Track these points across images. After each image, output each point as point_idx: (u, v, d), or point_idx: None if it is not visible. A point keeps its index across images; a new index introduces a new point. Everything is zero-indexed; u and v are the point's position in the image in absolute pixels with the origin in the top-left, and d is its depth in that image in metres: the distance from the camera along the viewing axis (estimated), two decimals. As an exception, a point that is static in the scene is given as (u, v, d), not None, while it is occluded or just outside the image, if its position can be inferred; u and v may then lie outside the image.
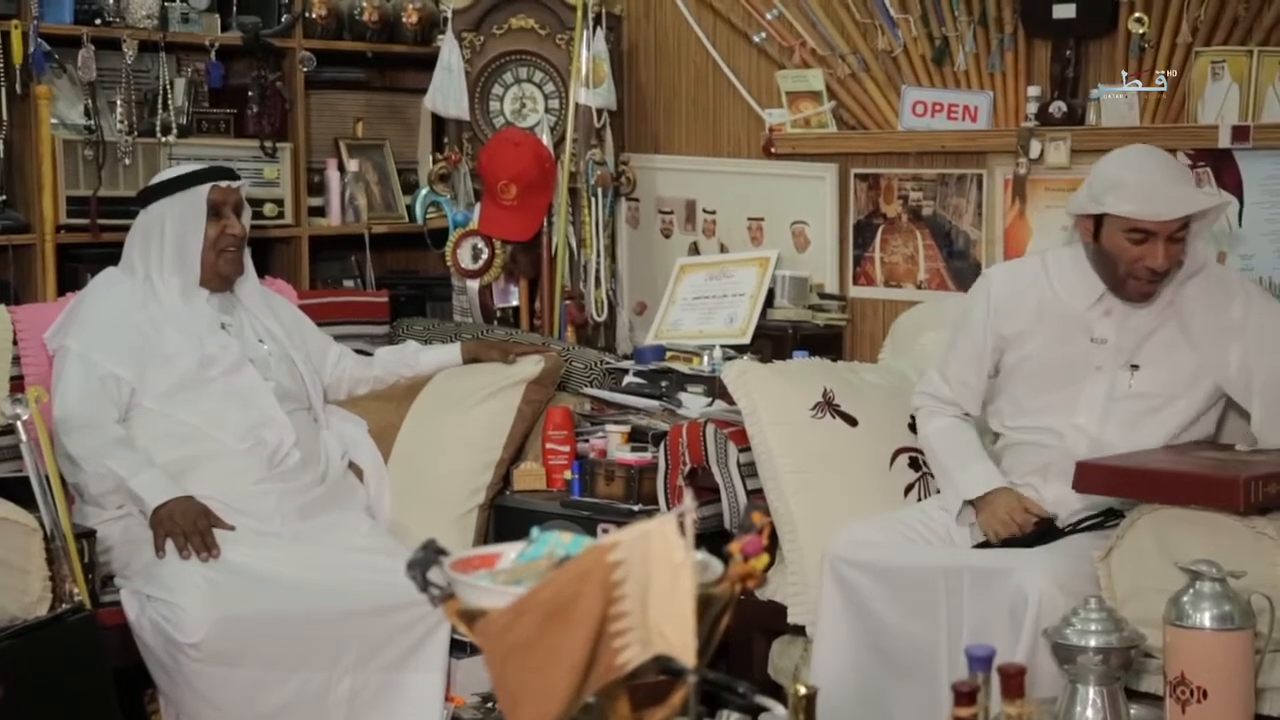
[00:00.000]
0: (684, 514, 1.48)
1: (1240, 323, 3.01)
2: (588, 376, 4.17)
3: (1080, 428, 3.08)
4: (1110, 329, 3.08)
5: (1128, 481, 2.86)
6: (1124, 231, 2.98)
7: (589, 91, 4.46)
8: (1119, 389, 3.07)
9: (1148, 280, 3.00)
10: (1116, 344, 3.08)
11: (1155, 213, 2.94)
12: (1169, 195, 2.96)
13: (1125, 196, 2.96)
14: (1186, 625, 2.52)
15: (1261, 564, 2.67)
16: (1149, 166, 3.02)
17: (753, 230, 4.56)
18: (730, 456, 3.46)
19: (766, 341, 4.18)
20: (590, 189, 4.49)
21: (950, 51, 4.13)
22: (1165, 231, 2.95)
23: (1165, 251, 2.96)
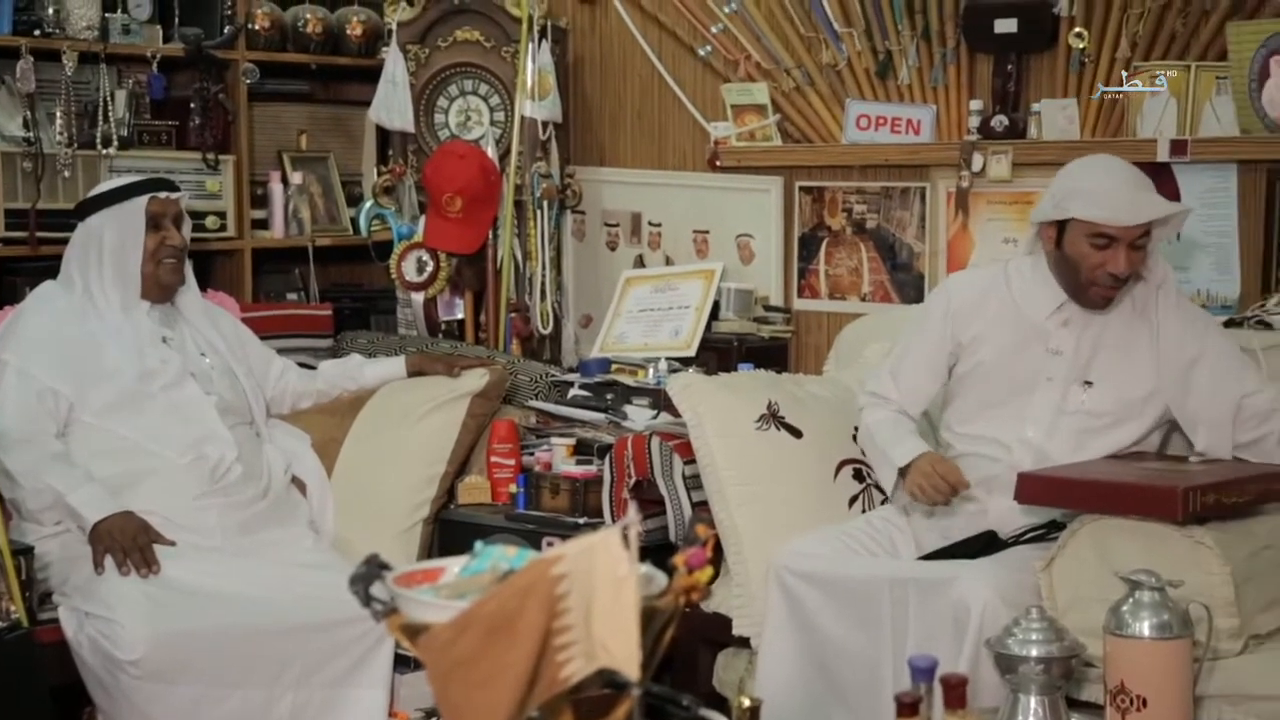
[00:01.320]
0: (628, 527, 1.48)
1: (1198, 355, 3.04)
2: (533, 389, 4.17)
3: (1027, 441, 3.11)
4: (1068, 340, 3.11)
5: (1068, 492, 2.89)
6: (1087, 237, 3.02)
7: (534, 104, 4.46)
8: (1069, 403, 3.09)
9: (1109, 286, 3.03)
10: (1072, 357, 3.10)
11: (1119, 218, 2.98)
12: (1133, 201, 3.00)
13: (1090, 202, 3.00)
14: (1126, 634, 2.54)
15: (1199, 573, 2.71)
16: (1113, 173, 3.07)
17: (698, 243, 4.57)
18: (675, 469, 3.46)
19: (712, 354, 4.19)
20: (536, 201, 4.49)
21: (894, 65, 4.16)
22: (1128, 238, 2.99)
23: (1127, 258, 2.99)
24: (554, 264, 4.54)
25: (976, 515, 3.14)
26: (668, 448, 3.48)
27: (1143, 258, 3.04)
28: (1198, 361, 3.03)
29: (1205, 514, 2.78)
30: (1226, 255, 3.68)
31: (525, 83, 4.45)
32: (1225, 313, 3.58)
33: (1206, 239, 3.71)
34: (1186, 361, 3.04)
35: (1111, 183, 3.03)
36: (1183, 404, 3.03)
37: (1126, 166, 3.12)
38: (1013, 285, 3.17)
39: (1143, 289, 3.09)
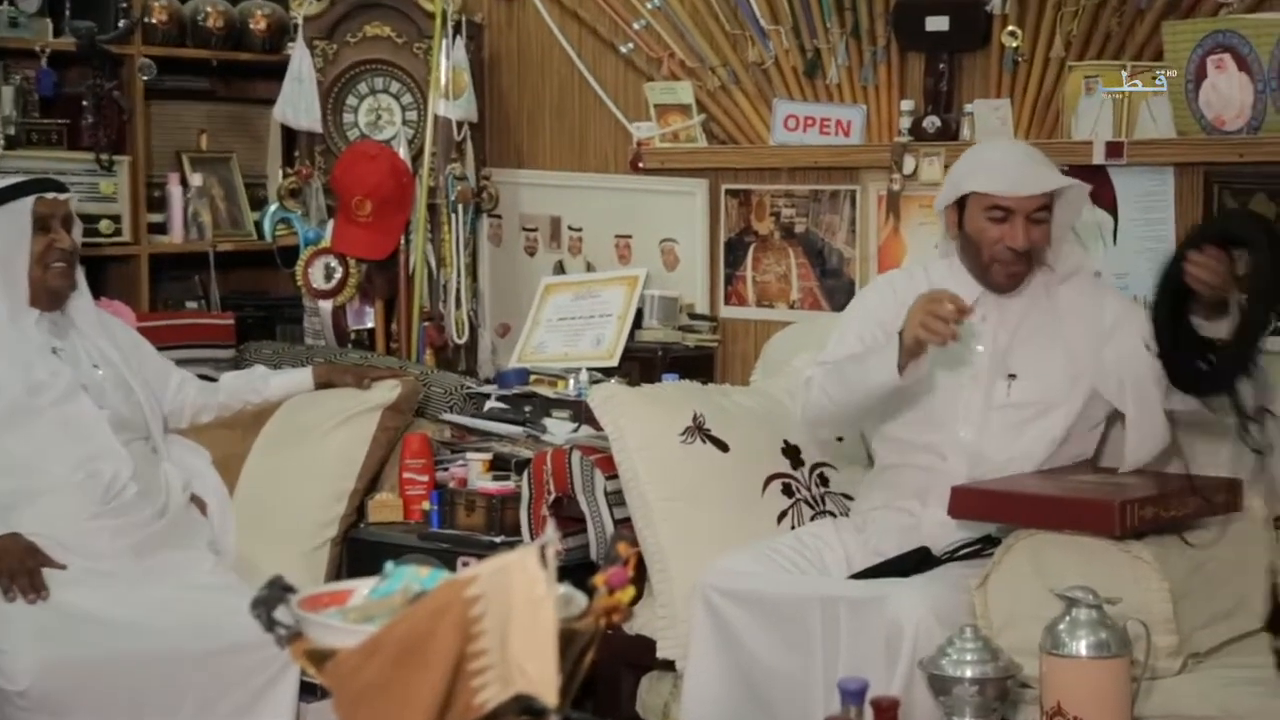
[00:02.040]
0: (546, 545, 1.48)
1: (1112, 326, 3.11)
2: (447, 402, 4.15)
3: (960, 442, 3.14)
4: (986, 336, 3.15)
5: (1003, 506, 2.91)
6: (984, 211, 3.12)
7: (448, 103, 4.44)
8: (996, 398, 3.13)
9: (1009, 261, 3.10)
10: (992, 351, 3.14)
11: (1013, 187, 3.08)
12: (1026, 172, 3.10)
13: (985, 175, 3.12)
14: (1062, 654, 2.57)
15: (1138, 589, 2.74)
16: (1009, 149, 3.20)
17: (620, 248, 4.57)
18: (597, 484, 3.46)
19: (634, 364, 4.20)
20: (450, 205, 4.47)
21: (822, 64, 4.18)
22: (1024, 209, 3.07)
23: (1025, 231, 3.07)
24: (469, 270, 4.52)
25: (910, 529, 3.16)
26: (589, 462, 3.48)
27: (1044, 234, 3.11)
28: (1113, 331, 3.10)
29: (1143, 528, 2.81)
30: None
31: (439, 80, 4.44)
32: (1162, 320, 3.64)
33: (1144, 244, 3.75)
34: (1103, 334, 3.11)
35: (1006, 156, 3.15)
36: (1105, 377, 3.08)
37: (1023, 145, 3.25)
38: (933, 283, 3.21)
39: (1053, 278, 3.15)
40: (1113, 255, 3.77)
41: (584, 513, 3.47)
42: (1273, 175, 3.56)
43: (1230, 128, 3.56)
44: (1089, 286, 3.22)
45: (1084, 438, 3.18)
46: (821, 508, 3.45)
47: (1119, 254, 3.77)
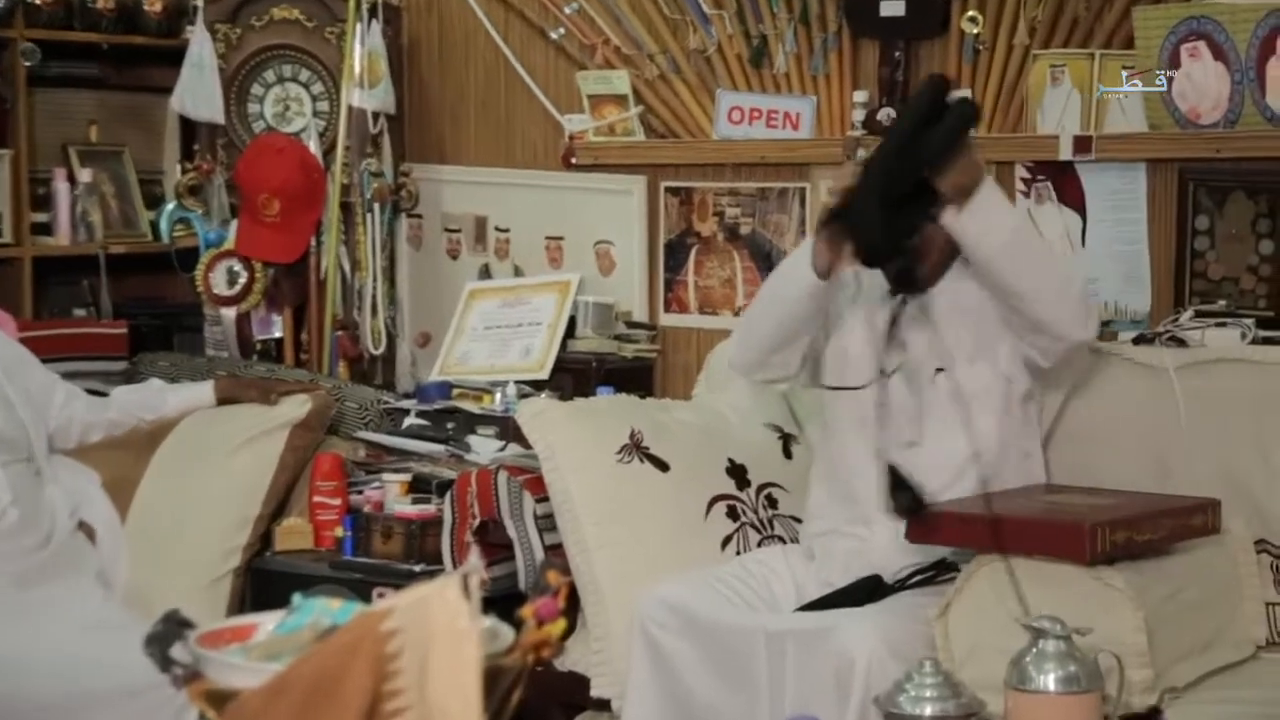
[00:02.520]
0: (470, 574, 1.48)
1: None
2: (362, 418, 4.14)
3: (897, 450, 3.15)
4: (913, 330, 3.18)
5: (964, 530, 2.93)
6: None
7: (363, 92, 4.43)
8: (924, 394, 3.16)
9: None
10: (917, 345, 3.17)
11: None
12: None
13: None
14: (1029, 689, 2.58)
15: (1110, 619, 2.76)
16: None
17: (551, 251, 4.57)
18: (525, 508, 3.45)
19: (567, 376, 4.20)
20: (366, 203, 4.46)
21: (769, 52, 4.20)
22: None
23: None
24: (386, 275, 4.51)
25: (857, 555, 3.17)
26: (516, 484, 3.47)
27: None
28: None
29: (1115, 553, 2.83)
30: (1136, 265, 3.77)
31: (353, 68, 4.43)
32: (1135, 328, 3.67)
33: (1114, 247, 3.79)
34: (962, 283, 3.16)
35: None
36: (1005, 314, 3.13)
37: None
38: (864, 287, 3.25)
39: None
40: (1081, 259, 3.81)
41: (511, 539, 3.47)
42: (1252, 172, 3.61)
43: (1206, 121, 3.61)
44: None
45: (1021, 406, 3.18)
46: (769, 532, 3.46)
47: (1087, 257, 3.81)
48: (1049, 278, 3.07)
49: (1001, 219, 3.03)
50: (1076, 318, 3.06)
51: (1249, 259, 3.62)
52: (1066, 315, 3.05)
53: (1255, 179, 3.61)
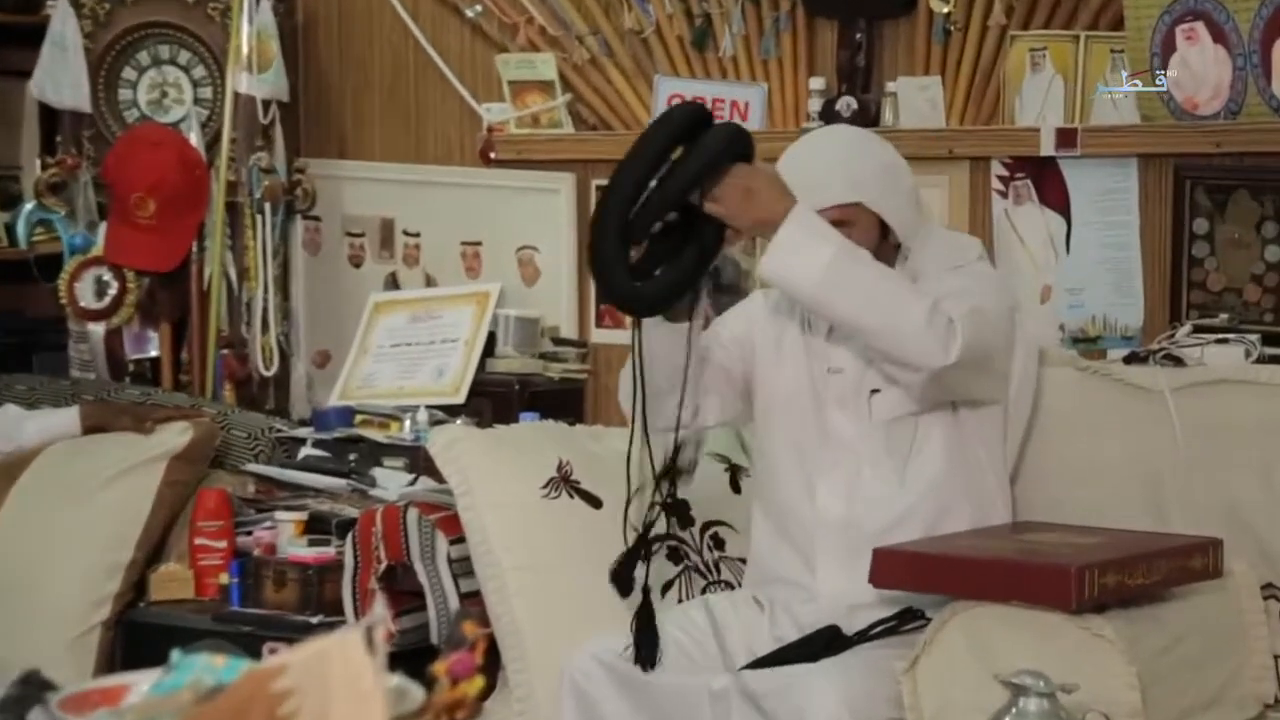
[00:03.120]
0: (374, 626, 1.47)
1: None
2: (251, 449, 4.13)
3: (836, 481, 3.17)
4: (843, 355, 3.20)
5: (935, 572, 2.94)
6: None
7: (252, 77, 4.42)
8: (862, 420, 3.17)
9: None
10: (852, 369, 3.19)
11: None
12: (808, 182, 3.12)
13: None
14: (1009, 751, 2.59)
15: (1099, 674, 2.77)
16: (800, 149, 3.25)
17: (467, 258, 4.56)
18: (438, 550, 3.45)
19: (485, 400, 4.20)
20: (255, 204, 4.44)
21: (714, 33, 4.22)
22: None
23: None
24: (279, 285, 4.50)
25: (806, 603, 3.18)
26: (428, 523, 3.47)
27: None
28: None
29: (1105, 599, 2.85)
30: (1127, 273, 3.81)
31: (240, 49, 4.41)
32: (1125, 345, 3.70)
33: (1102, 253, 3.82)
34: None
35: (791, 161, 3.21)
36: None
37: (825, 143, 3.31)
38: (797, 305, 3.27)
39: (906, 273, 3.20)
40: (1065, 267, 3.84)
41: (422, 585, 3.46)
42: (1257, 169, 3.64)
43: (1204, 111, 3.65)
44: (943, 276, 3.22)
45: (976, 435, 3.20)
46: (715, 577, 3.46)
47: (1072, 266, 3.84)
48: (888, 309, 3.01)
49: (810, 257, 2.97)
50: (928, 348, 3.00)
51: (1253, 267, 3.66)
52: (916, 347, 3.01)
53: (1260, 177, 3.64)
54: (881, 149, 3.26)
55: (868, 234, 3.13)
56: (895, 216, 3.15)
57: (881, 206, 3.13)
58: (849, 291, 3.00)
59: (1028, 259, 3.88)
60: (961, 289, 3.10)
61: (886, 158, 3.23)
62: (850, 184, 3.14)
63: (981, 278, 3.21)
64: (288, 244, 4.58)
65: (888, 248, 3.17)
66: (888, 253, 3.17)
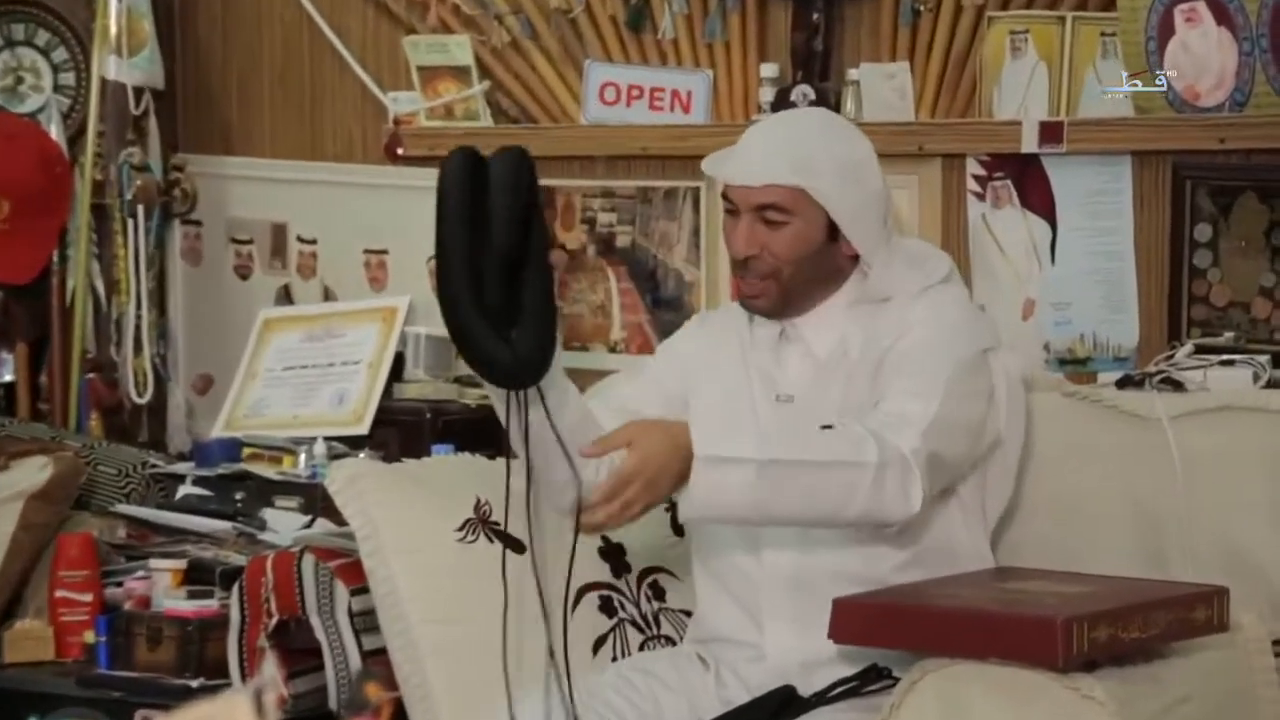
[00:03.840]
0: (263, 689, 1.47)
1: (889, 348, 3.16)
2: (122, 487, 4.12)
3: (784, 532, 3.17)
4: (793, 380, 3.21)
5: (903, 625, 2.95)
6: (722, 204, 3.24)
7: (122, 62, 4.40)
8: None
9: (740, 275, 3.17)
10: (806, 397, 3.20)
11: (723, 169, 3.21)
12: (751, 156, 3.18)
13: (723, 152, 3.26)
14: (989, 829, 2.61)
15: (1089, 740, 2.79)
16: (769, 125, 3.32)
17: (372, 268, 4.56)
18: (338, 602, 3.44)
19: (393, 430, 4.19)
20: (126, 206, 4.43)
21: (651, 12, 4.23)
22: (746, 203, 3.14)
23: (745, 233, 3.14)
24: (154, 300, 4.48)
25: (753, 661, 3.19)
26: (327, 571, 3.46)
27: (785, 241, 3.14)
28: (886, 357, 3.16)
29: (1095, 656, 2.86)
30: (1119, 285, 3.82)
31: (108, 30, 4.40)
32: (1118, 368, 3.72)
33: (1092, 262, 3.84)
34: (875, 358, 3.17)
35: (755, 134, 3.27)
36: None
37: (798, 122, 3.38)
38: (754, 321, 3.27)
39: (864, 297, 3.20)
40: (1050, 279, 3.86)
41: (320, 642, 3.45)
42: (1265, 167, 3.67)
43: (1207, 103, 3.67)
44: (920, 315, 3.22)
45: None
46: (654, 631, 3.47)
47: (1058, 277, 3.85)
48: (832, 497, 2.98)
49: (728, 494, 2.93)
50: (888, 510, 2.98)
51: (1262, 279, 3.68)
52: (876, 514, 2.99)
53: (1269, 177, 3.67)
54: (851, 142, 3.25)
55: (809, 231, 3.12)
56: (849, 220, 3.14)
57: (832, 203, 3.12)
58: (784, 503, 2.98)
59: (1008, 270, 3.89)
60: (923, 348, 3.11)
61: (853, 153, 3.22)
62: (795, 166, 3.13)
63: (948, 327, 3.17)
64: (164, 252, 4.57)
65: (838, 257, 3.18)
66: (839, 263, 3.18)
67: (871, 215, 3.19)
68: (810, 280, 3.18)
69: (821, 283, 3.19)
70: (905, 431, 2.99)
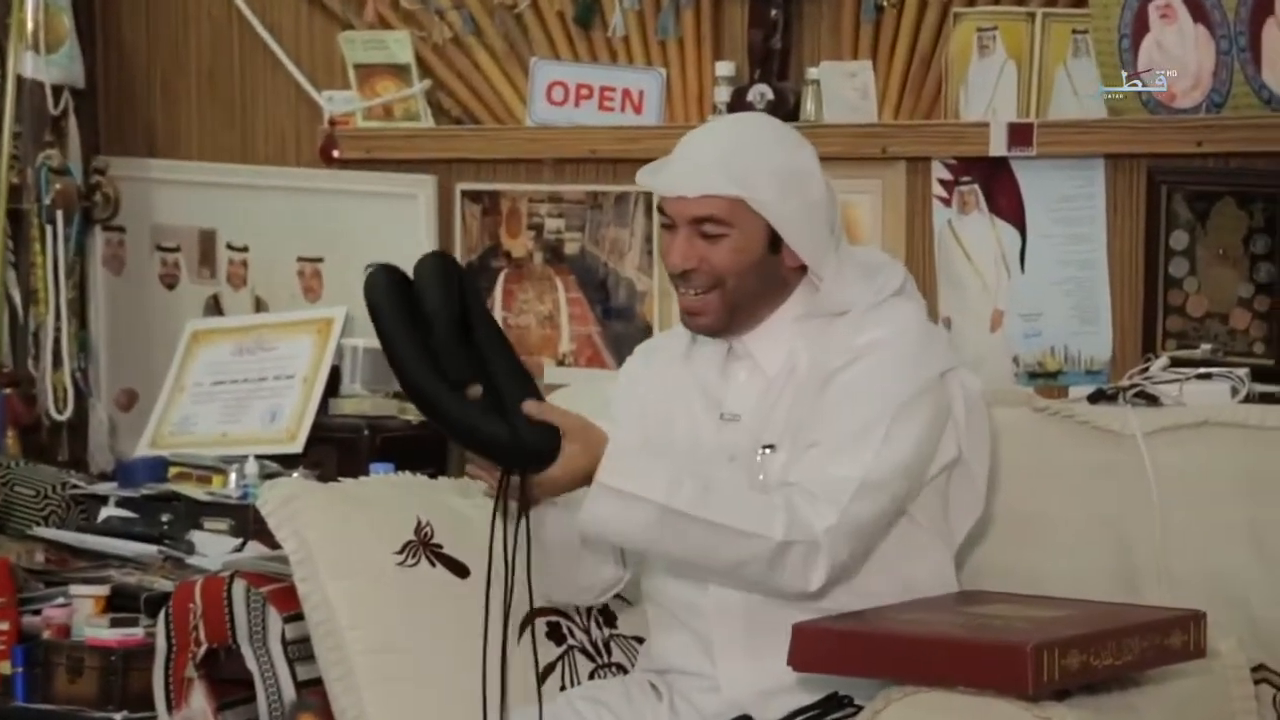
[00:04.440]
0: (193, 721, 1.49)
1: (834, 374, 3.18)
2: (40, 509, 4.11)
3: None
4: (740, 398, 3.22)
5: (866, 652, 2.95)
6: (659, 217, 3.25)
7: (39, 59, 4.40)
8: (754, 481, 3.19)
9: (681, 290, 3.19)
10: (751, 416, 3.20)
11: (656, 181, 3.21)
12: (685, 166, 3.18)
13: (658, 163, 3.25)
14: None
15: (1061, 774, 2.81)
16: (703, 131, 3.32)
17: (306, 277, 4.56)
18: (270, 630, 3.43)
19: (329, 449, 4.20)
20: (44, 212, 4.42)
21: (601, 8, 4.24)
22: (682, 216, 3.15)
23: (683, 246, 3.15)
24: (74, 311, 4.47)
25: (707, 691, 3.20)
26: (259, 597, 3.45)
27: (725, 253, 3.15)
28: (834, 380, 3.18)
29: (1067, 683, 2.87)
30: (1091, 295, 3.84)
31: (24, 25, 4.39)
32: (1091, 381, 3.74)
33: (1063, 271, 3.86)
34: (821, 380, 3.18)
35: (688, 142, 3.27)
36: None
37: (734, 129, 3.34)
38: (695, 341, 3.28)
39: (816, 311, 3.22)
40: (1019, 288, 3.88)
41: (252, 672, 3.45)
42: (1244, 172, 3.69)
43: (1183, 104, 3.70)
44: (866, 357, 3.22)
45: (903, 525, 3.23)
46: (605, 659, 3.47)
47: (1028, 287, 3.87)
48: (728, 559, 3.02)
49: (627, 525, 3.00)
50: (783, 585, 3.03)
51: (1240, 289, 3.70)
52: (771, 586, 3.05)
53: (1248, 182, 3.69)
54: (791, 149, 3.22)
55: (749, 242, 3.12)
56: (791, 229, 3.13)
57: (772, 212, 3.11)
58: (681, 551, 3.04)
59: (975, 279, 3.91)
60: (864, 387, 3.10)
61: (793, 160, 3.19)
62: (732, 176, 3.12)
63: (896, 358, 3.14)
64: (84, 260, 4.56)
65: (782, 268, 3.18)
66: (784, 275, 3.18)
67: (815, 223, 3.17)
68: (754, 293, 3.17)
69: (767, 296, 3.19)
70: (824, 508, 3.00)
